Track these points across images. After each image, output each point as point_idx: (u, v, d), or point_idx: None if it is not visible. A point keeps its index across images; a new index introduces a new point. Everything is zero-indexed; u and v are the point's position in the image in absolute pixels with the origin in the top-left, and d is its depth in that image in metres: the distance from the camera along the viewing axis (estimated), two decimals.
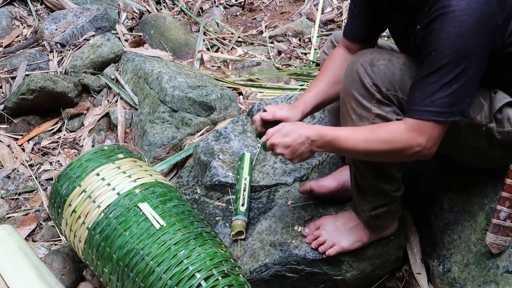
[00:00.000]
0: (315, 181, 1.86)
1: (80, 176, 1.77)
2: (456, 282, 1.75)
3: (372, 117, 1.50)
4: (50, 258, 1.90)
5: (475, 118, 1.53)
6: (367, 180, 1.62)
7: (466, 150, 1.61)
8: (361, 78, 1.49)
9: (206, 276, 1.52)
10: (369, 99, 1.49)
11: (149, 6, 3.58)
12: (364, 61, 1.50)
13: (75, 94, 2.73)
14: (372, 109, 1.50)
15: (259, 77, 2.94)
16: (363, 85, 1.49)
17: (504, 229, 1.65)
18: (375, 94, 1.48)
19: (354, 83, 1.50)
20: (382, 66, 1.49)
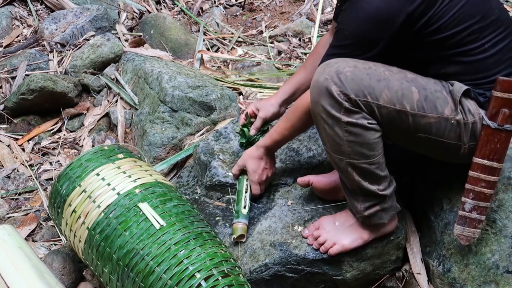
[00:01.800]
0: (315, 176, 1.87)
1: (80, 176, 1.77)
2: (456, 282, 1.75)
3: (343, 125, 1.55)
4: (50, 258, 1.90)
5: (444, 112, 1.56)
6: (354, 182, 1.64)
7: (438, 147, 1.62)
8: (328, 89, 1.53)
9: (206, 276, 1.52)
10: (337, 108, 1.53)
11: (149, 6, 3.59)
12: (330, 71, 1.54)
13: (75, 94, 2.73)
14: (342, 118, 1.54)
15: (259, 77, 2.94)
16: (330, 95, 1.53)
17: (471, 220, 1.66)
18: (343, 103, 1.52)
19: (322, 95, 1.54)
20: (348, 73, 1.52)
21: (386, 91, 1.53)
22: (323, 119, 1.57)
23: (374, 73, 1.54)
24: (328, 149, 1.63)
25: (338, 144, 1.58)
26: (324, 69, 1.56)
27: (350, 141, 1.56)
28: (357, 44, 1.57)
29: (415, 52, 1.61)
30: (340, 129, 1.55)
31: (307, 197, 1.91)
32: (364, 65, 1.55)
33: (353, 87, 1.51)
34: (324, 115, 1.56)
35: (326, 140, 1.62)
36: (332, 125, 1.56)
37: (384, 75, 1.55)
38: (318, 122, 1.60)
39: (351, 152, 1.58)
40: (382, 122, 1.56)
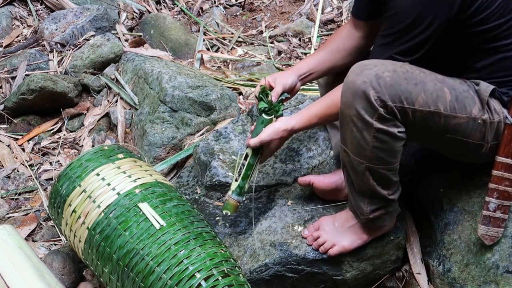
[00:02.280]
0: (316, 175, 1.87)
1: (80, 176, 1.77)
2: (456, 282, 1.75)
3: (373, 131, 1.51)
4: (50, 258, 1.90)
5: (472, 112, 1.56)
6: (366, 185, 1.63)
7: (462, 147, 1.62)
8: (365, 93, 1.47)
9: (206, 276, 1.52)
10: (371, 113, 1.49)
11: (149, 6, 3.59)
12: (368, 75, 1.48)
13: (75, 94, 2.73)
14: (374, 123, 1.49)
15: (259, 77, 2.94)
16: (367, 99, 1.48)
17: (495, 220, 1.67)
18: (378, 109, 1.48)
19: (357, 98, 1.49)
20: (388, 78, 1.48)
21: (422, 94, 1.50)
22: (353, 121, 1.52)
23: (411, 76, 1.50)
24: (348, 150, 1.59)
25: (362, 148, 1.54)
26: (362, 71, 1.50)
27: (376, 147, 1.53)
28: (410, 28, 1.50)
29: (453, 45, 1.58)
30: (368, 134, 1.51)
31: (307, 197, 1.91)
32: (401, 68, 1.51)
33: (391, 92, 1.47)
34: (355, 118, 1.51)
35: (349, 141, 1.57)
36: (361, 129, 1.52)
37: (420, 78, 1.52)
38: (346, 123, 1.55)
39: (374, 157, 1.55)
40: (414, 125, 1.53)
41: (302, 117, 1.71)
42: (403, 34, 1.52)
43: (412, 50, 1.53)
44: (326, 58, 1.83)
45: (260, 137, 1.70)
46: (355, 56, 1.81)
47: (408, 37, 1.51)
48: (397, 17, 1.51)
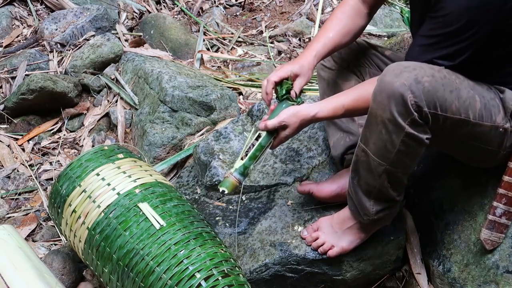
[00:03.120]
0: (315, 184, 1.85)
1: (80, 176, 1.77)
2: (456, 282, 1.75)
3: (402, 135, 1.47)
4: (50, 258, 1.90)
5: (496, 120, 1.54)
6: (378, 186, 1.60)
7: (479, 153, 1.61)
8: (403, 96, 1.43)
9: (206, 276, 1.52)
10: (405, 117, 1.45)
11: (149, 6, 3.58)
12: (408, 78, 1.44)
13: (75, 94, 2.73)
14: (406, 128, 1.46)
15: (259, 77, 2.94)
16: (403, 103, 1.44)
17: (499, 225, 1.67)
18: (413, 113, 1.44)
19: (393, 100, 1.44)
20: (426, 83, 1.44)
21: (456, 102, 1.48)
22: (384, 123, 1.48)
23: (448, 83, 1.48)
24: (369, 149, 1.55)
25: (387, 150, 1.51)
26: (401, 72, 1.45)
27: (401, 151, 1.50)
28: (458, 32, 1.46)
29: (487, 51, 1.56)
30: (397, 138, 1.48)
31: (307, 197, 1.91)
32: (439, 73, 1.48)
33: (428, 98, 1.44)
34: (387, 121, 1.47)
35: (373, 142, 1.53)
36: (391, 131, 1.48)
37: (455, 84, 1.49)
38: (375, 124, 1.50)
39: (396, 160, 1.53)
40: (441, 131, 1.51)
41: (327, 105, 1.62)
42: (449, 37, 1.47)
43: (455, 55, 1.50)
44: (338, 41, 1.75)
45: (279, 118, 1.61)
46: (359, 34, 1.80)
47: (454, 41, 1.48)
48: (446, 19, 1.46)
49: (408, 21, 3.47)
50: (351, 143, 1.83)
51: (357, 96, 1.59)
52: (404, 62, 1.50)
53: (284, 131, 1.62)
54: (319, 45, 1.73)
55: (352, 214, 1.72)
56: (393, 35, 3.09)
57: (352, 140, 1.83)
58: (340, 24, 1.76)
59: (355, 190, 1.67)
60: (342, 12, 1.77)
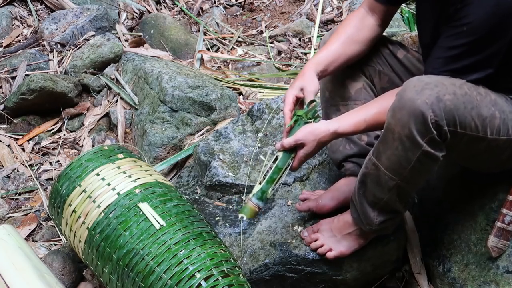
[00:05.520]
0: (314, 201, 1.82)
1: (80, 176, 1.77)
2: (456, 282, 1.75)
3: (419, 153, 1.44)
4: (50, 258, 1.90)
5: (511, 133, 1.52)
6: (384, 199, 1.58)
7: (487, 162, 1.60)
8: (424, 114, 1.39)
9: (206, 276, 1.52)
10: (423, 135, 1.41)
11: (149, 6, 3.58)
12: (430, 96, 1.39)
13: (75, 94, 2.73)
14: (423, 146, 1.42)
15: (259, 77, 2.94)
16: (424, 122, 1.40)
17: (507, 233, 1.66)
18: (432, 132, 1.40)
19: (413, 118, 1.40)
20: (448, 102, 1.40)
21: (476, 120, 1.45)
22: (401, 140, 1.44)
23: (468, 100, 1.43)
24: (381, 164, 1.52)
25: (401, 166, 1.48)
26: (422, 89, 1.40)
27: (415, 168, 1.47)
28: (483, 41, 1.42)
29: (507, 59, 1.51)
30: (413, 155, 1.44)
31: None
32: (461, 90, 1.43)
33: (449, 117, 1.40)
34: (405, 137, 1.43)
35: (387, 157, 1.50)
36: (408, 148, 1.44)
37: (476, 102, 1.45)
38: (392, 140, 1.46)
39: (408, 176, 1.50)
40: (456, 147, 1.48)
41: (347, 121, 1.57)
42: (475, 46, 1.43)
43: (478, 66, 1.45)
44: (341, 51, 1.70)
45: (296, 137, 1.56)
46: (369, 46, 1.74)
47: (480, 50, 1.43)
48: (471, 27, 1.41)
49: (408, 21, 3.47)
50: (352, 152, 1.79)
51: (379, 110, 1.54)
52: (425, 77, 1.45)
53: (302, 150, 1.57)
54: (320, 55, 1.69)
55: (354, 221, 1.69)
56: (393, 35, 3.09)
57: (352, 149, 1.79)
58: (343, 33, 1.71)
59: (360, 200, 1.63)
60: (346, 23, 1.74)
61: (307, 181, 1.98)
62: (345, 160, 1.80)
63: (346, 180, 1.80)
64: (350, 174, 1.79)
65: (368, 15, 1.72)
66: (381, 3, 1.70)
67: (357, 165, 1.77)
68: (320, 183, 1.97)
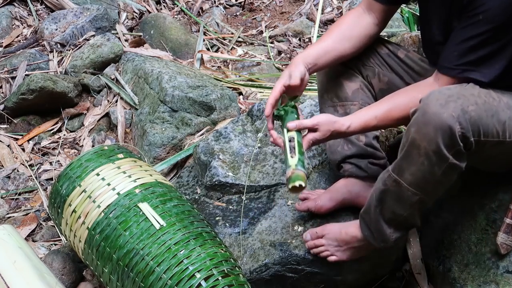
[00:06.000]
0: (313, 201, 1.81)
1: (80, 176, 1.77)
2: (456, 282, 1.75)
3: (445, 166, 1.42)
4: (50, 258, 1.90)
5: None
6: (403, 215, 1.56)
7: (500, 163, 1.60)
8: (451, 128, 1.36)
9: (206, 276, 1.52)
10: (450, 148, 1.39)
11: (149, 6, 3.59)
12: (455, 108, 1.37)
13: (75, 94, 2.73)
14: (450, 158, 1.40)
15: (259, 77, 2.94)
16: (451, 135, 1.37)
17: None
18: (459, 144, 1.38)
19: (441, 132, 1.37)
20: (473, 113, 1.39)
21: (496, 126, 1.43)
22: (428, 155, 1.40)
23: (489, 108, 1.42)
24: (403, 180, 1.48)
25: (426, 181, 1.46)
26: (446, 103, 1.38)
27: (439, 181, 1.45)
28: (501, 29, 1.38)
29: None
30: (439, 169, 1.42)
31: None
32: (480, 99, 1.42)
33: (474, 128, 1.39)
34: (432, 152, 1.40)
35: (411, 173, 1.46)
36: (434, 163, 1.41)
37: (494, 108, 1.43)
38: (417, 156, 1.43)
39: (432, 190, 1.49)
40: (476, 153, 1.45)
41: (359, 117, 1.56)
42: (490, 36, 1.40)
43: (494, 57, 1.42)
44: (332, 46, 1.68)
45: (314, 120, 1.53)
46: (364, 44, 1.72)
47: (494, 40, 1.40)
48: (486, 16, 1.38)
49: (408, 21, 3.47)
50: (350, 153, 1.77)
51: (390, 107, 1.53)
52: (445, 89, 1.43)
53: (314, 134, 1.55)
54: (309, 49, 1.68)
55: (365, 237, 1.65)
56: (393, 35, 3.09)
57: (351, 150, 1.77)
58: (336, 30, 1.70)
59: (376, 218, 1.59)
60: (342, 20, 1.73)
61: (306, 181, 1.98)
62: (344, 161, 1.79)
63: (345, 181, 1.80)
64: (348, 175, 1.79)
65: (365, 14, 1.71)
66: (379, 2, 1.68)
67: (355, 166, 1.77)
68: (320, 183, 1.97)
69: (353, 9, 1.74)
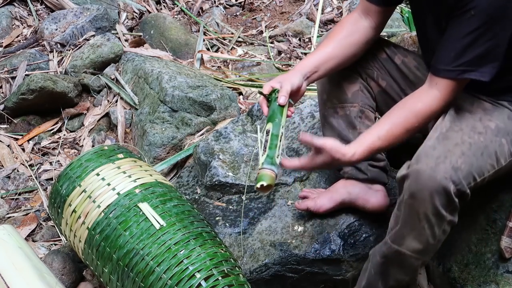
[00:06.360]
0: (312, 200, 1.81)
1: (80, 176, 1.77)
2: (456, 282, 1.75)
3: (443, 225, 1.43)
4: (50, 258, 1.90)
5: None
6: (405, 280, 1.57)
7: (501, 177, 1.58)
8: (446, 189, 1.37)
9: (206, 276, 1.52)
10: (447, 207, 1.40)
11: (149, 6, 3.58)
12: (446, 169, 1.38)
13: (75, 94, 2.73)
14: (447, 217, 1.42)
15: (259, 77, 2.94)
16: (447, 196, 1.38)
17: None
18: (455, 201, 1.40)
19: (436, 195, 1.38)
20: (463, 165, 1.39)
21: (489, 161, 1.44)
22: (427, 218, 1.41)
23: (477, 148, 1.42)
24: (406, 248, 1.48)
25: (428, 244, 1.46)
26: (436, 165, 1.38)
27: (439, 240, 1.47)
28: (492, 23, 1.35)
29: None
30: (439, 229, 1.43)
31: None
32: (464, 146, 1.42)
33: (467, 179, 1.40)
34: (431, 214, 1.40)
35: (413, 239, 1.46)
36: (434, 224, 1.42)
37: (481, 144, 1.43)
38: (417, 220, 1.43)
39: (432, 250, 1.50)
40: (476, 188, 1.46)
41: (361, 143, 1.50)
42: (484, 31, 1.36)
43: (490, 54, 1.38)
44: (332, 54, 1.65)
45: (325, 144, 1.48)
46: (363, 49, 1.70)
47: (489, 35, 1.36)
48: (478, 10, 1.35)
49: (408, 21, 3.46)
50: None
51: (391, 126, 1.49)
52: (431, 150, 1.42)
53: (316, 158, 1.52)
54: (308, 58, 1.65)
55: None
56: (393, 35, 3.09)
57: None
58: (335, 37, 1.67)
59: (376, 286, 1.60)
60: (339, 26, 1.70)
61: (307, 181, 1.98)
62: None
63: (344, 182, 1.80)
64: (348, 177, 1.79)
65: (361, 18, 1.68)
66: (374, 4, 1.65)
67: (355, 168, 1.77)
68: (320, 183, 1.97)
69: (349, 15, 1.72)
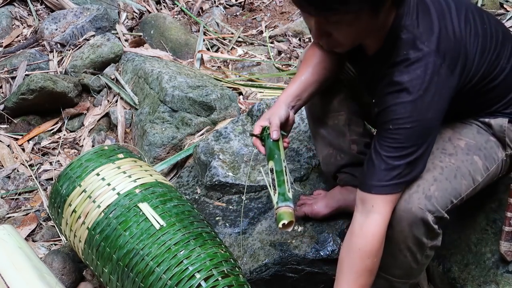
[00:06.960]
0: (309, 206, 1.83)
1: (80, 176, 1.77)
2: (456, 282, 1.75)
3: (426, 251, 1.48)
4: (50, 258, 1.90)
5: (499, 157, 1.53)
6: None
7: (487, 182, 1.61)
8: (424, 219, 1.41)
9: (206, 276, 1.52)
10: (427, 235, 1.45)
11: (149, 6, 3.59)
12: (419, 199, 1.41)
13: (75, 94, 2.73)
14: (428, 243, 1.46)
15: (259, 77, 2.94)
16: (425, 224, 1.42)
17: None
18: (435, 228, 1.43)
19: (415, 226, 1.42)
20: (436, 192, 1.42)
21: (463, 181, 1.47)
22: (408, 247, 1.46)
23: (449, 172, 1.45)
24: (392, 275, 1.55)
25: (412, 269, 1.52)
26: (410, 196, 1.41)
27: (423, 264, 1.52)
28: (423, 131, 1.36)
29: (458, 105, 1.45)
30: (421, 255, 1.49)
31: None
32: (436, 171, 1.44)
33: (443, 204, 1.43)
34: (412, 244, 1.45)
35: (397, 267, 1.53)
36: (415, 252, 1.47)
37: (453, 166, 1.46)
38: (398, 250, 1.48)
39: (418, 273, 1.56)
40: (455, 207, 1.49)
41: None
42: (408, 145, 1.36)
43: (422, 155, 1.38)
44: (310, 80, 1.62)
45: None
46: (341, 66, 1.68)
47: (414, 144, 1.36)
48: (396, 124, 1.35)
49: None
50: (344, 162, 1.76)
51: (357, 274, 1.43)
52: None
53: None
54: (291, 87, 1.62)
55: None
56: None
57: (344, 159, 1.76)
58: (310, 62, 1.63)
59: None
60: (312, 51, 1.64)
61: (307, 181, 1.98)
62: (339, 171, 1.79)
63: (340, 188, 1.81)
64: (344, 184, 1.80)
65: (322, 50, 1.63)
66: None
67: (350, 175, 1.77)
68: (319, 183, 1.97)
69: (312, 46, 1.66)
